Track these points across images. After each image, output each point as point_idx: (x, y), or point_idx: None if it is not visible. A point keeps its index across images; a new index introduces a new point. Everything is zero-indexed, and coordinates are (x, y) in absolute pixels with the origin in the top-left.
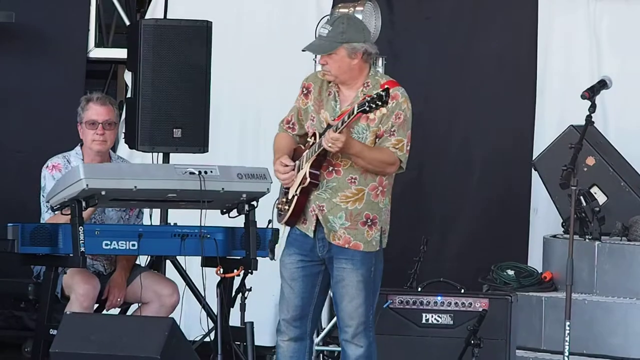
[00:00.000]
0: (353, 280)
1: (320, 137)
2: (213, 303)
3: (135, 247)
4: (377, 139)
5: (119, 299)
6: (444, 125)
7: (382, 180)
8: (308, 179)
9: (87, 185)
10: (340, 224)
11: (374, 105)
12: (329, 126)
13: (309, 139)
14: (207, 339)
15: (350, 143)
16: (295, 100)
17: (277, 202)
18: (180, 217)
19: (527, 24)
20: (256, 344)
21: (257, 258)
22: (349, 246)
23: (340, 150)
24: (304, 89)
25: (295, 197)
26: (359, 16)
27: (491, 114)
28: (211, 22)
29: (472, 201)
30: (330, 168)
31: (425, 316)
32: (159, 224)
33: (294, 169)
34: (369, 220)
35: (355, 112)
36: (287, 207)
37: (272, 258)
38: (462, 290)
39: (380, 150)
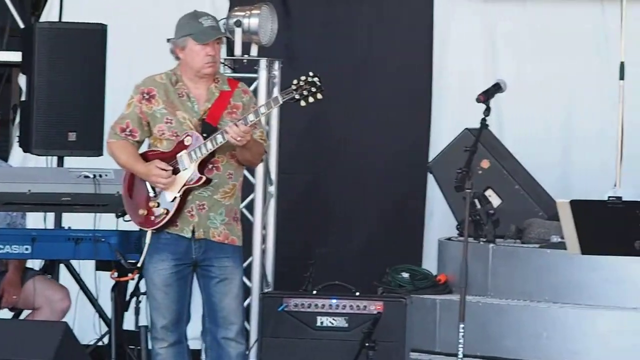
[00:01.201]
0: (236, 277)
1: (206, 137)
2: (107, 307)
3: (29, 251)
4: None
5: (14, 297)
6: (341, 129)
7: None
8: (204, 178)
9: None
10: (220, 220)
11: (306, 93)
12: (206, 125)
13: (156, 143)
14: (100, 343)
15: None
16: (129, 106)
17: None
18: (75, 220)
19: (422, 27)
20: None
21: None
22: (228, 241)
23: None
24: (145, 94)
25: (177, 200)
26: (256, 19)
27: (388, 118)
28: (106, 25)
29: (367, 204)
30: (211, 165)
31: (320, 319)
32: (52, 227)
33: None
34: (237, 215)
35: (280, 102)
36: (164, 211)
37: None
38: (357, 293)
39: (257, 142)
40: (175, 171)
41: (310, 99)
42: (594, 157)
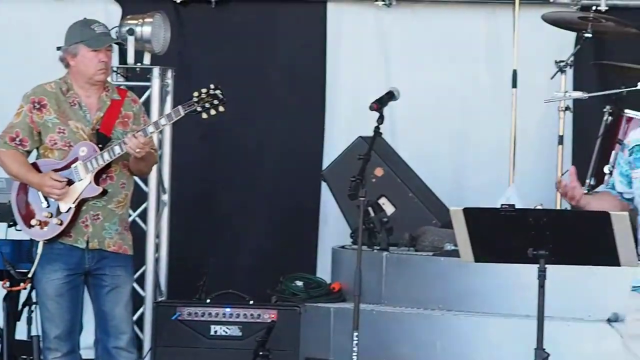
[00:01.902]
0: (127, 286)
1: (101, 147)
2: None
3: None
4: None
5: None
6: (235, 137)
7: None
8: (101, 189)
9: None
10: (114, 230)
11: (208, 105)
12: (100, 135)
13: (47, 153)
14: None
15: None
16: (19, 115)
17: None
18: None
19: (315, 34)
20: None
21: None
22: (121, 251)
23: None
24: (35, 104)
25: (72, 210)
26: (148, 28)
27: (282, 126)
28: None
29: (261, 212)
30: (105, 175)
31: (214, 328)
32: None
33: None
34: (127, 225)
35: (182, 114)
36: (58, 221)
37: None
38: (251, 302)
39: (150, 153)
40: (70, 182)
41: (212, 112)
42: (486, 164)
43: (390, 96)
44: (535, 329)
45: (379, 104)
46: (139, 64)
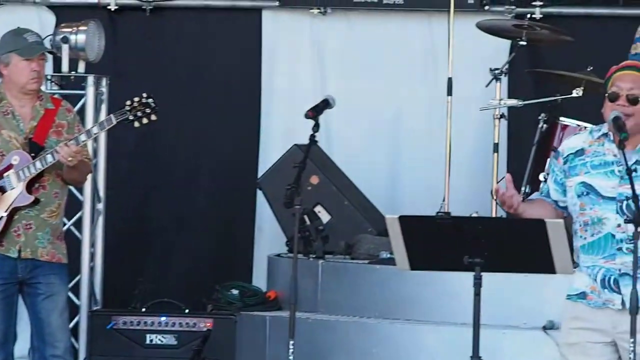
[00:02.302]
0: (62, 294)
1: (34, 156)
2: None
3: None
4: None
5: None
6: (171, 145)
7: None
8: (32, 197)
9: None
10: (47, 240)
11: (140, 114)
12: (33, 144)
13: None
14: None
15: None
16: None
17: None
18: None
19: (251, 42)
20: None
21: None
22: (55, 260)
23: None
24: None
25: (3, 219)
26: (83, 36)
27: (217, 134)
28: None
29: (197, 221)
30: (37, 184)
31: (150, 337)
32: None
33: None
34: (61, 234)
35: (114, 123)
36: None
37: None
38: (187, 311)
39: (84, 162)
40: (2, 190)
41: (145, 120)
42: (422, 172)
43: (325, 104)
44: (471, 337)
45: (315, 112)
46: (73, 72)
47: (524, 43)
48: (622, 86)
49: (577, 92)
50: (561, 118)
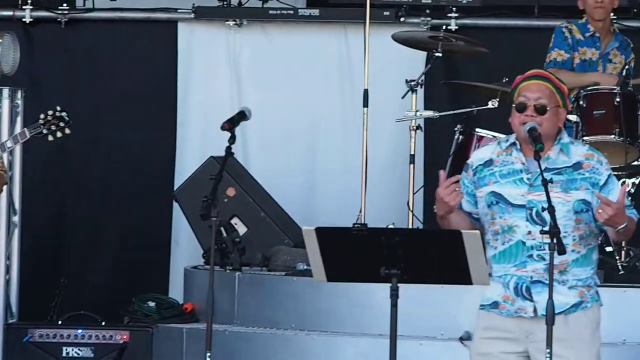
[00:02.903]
0: None
1: None
2: None
3: None
4: None
5: None
6: (87, 157)
7: None
8: None
9: None
10: None
11: (54, 127)
12: None
13: None
14: None
15: None
16: None
17: None
18: None
19: (167, 54)
20: None
21: None
22: None
23: None
24: None
25: None
26: None
27: (133, 146)
28: None
29: (113, 233)
30: None
31: (66, 349)
32: None
33: None
34: None
35: (28, 136)
36: None
37: None
38: (103, 323)
39: (0, 174)
40: None
41: (59, 134)
42: (339, 184)
43: (241, 116)
44: (388, 348)
45: (231, 124)
46: None
47: (440, 54)
48: (530, 96)
49: (492, 104)
50: (477, 129)
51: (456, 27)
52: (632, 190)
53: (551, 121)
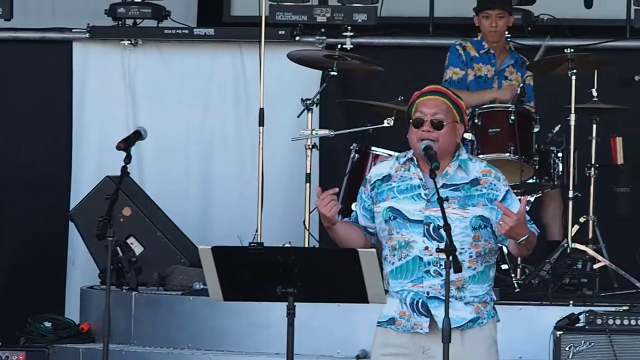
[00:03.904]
0: None
1: None
2: None
3: None
4: None
5: None
6: None
7: None
8: None
9: None
10: None
11: None
12: None
13: None
14: None
15: None
16: None
17: None
18: None
19: (62, 74)
20: None
21: None
22: None
23: None
24: None
25: None
26: None
27: (29, 165)
28: None
29: (9, 253)
30: None
31: None
32: None
33: None
34: None
35: None
36: None
37: None
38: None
39: None
40: None
41: None
42: (235, 203)
43: (137, 135)
44: None
45: (126, 144)
46: None
47: (335, 73)
48: (426, 111)
49: (388, 122)
50: (373, 148)
51: (351, 46)
52: (528, 208)
53: (448, 137)
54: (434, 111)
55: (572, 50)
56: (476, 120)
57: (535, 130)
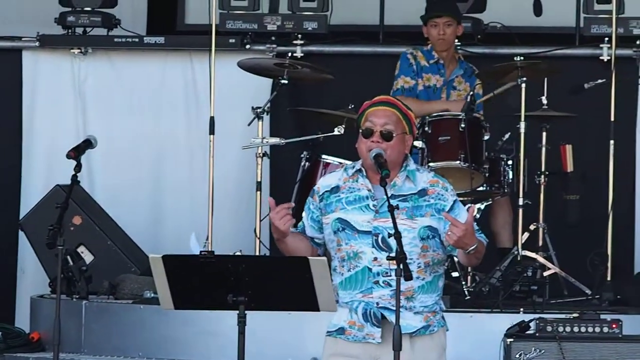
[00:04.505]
0: None
1: None
2: None
3: None
4: None
5: None
6: None
7: None
8: None
9: None
10: None
11: None
12: None
13: None
14: None
15: None
16: None
17: None
18: None
19: (11, 83)
20: None
21: None
22: None
23: None
24: None
25: None
26: None
27: None
28: None
29: None
30: None
31: None
32: None
33: None
34: None
35: None
36: None
37: None
38: None
39: None
40: None
41: None
42: (185, 212)
43: (87, 144)
44: None
45: (76, 152)
46: None
47: (286, 81)
48: (376, 122)
49: (338, 130)
50: (323, 156)
51: (302, 54)
52: (478, 216)
53: (397, 148)
54: (383, 122)
55: (521, 58)
56: (426, 128)
57: (486, 138)
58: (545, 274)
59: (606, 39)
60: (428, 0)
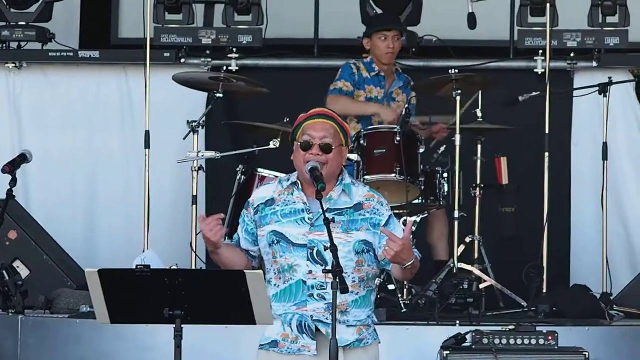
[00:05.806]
0: None
1: None
2: None
3: None
4: None
5: None
6: None
7: None
8: None
9: None
10: None
11: None
12: None
13: None
14: None
15: None
16: None
17: None
18: None
19: None
20: None
21: None
22: None
23: None
24: None
25: None
26: None
27: None
28: None
29: None
30: None
31: None
32: None
33: None
34: None
35: None
36: None
37: None
38: None
39: None
40: None
41: None
42: (121, 226)
43: (22, 158)
44: None
45: (12, 167)
46: None
47: (221, 95)
48: (315, 135)
49: (274, 144)
50: (259, 169)
51: (237, 68)
52: (414, 229)
53: (336, 160)
54: (322, 134)
55: (456, 71)
56: (362, 141)
57: (421, 151)
58: (482, 286)
59: (540, 51)
60: (367, 14)
